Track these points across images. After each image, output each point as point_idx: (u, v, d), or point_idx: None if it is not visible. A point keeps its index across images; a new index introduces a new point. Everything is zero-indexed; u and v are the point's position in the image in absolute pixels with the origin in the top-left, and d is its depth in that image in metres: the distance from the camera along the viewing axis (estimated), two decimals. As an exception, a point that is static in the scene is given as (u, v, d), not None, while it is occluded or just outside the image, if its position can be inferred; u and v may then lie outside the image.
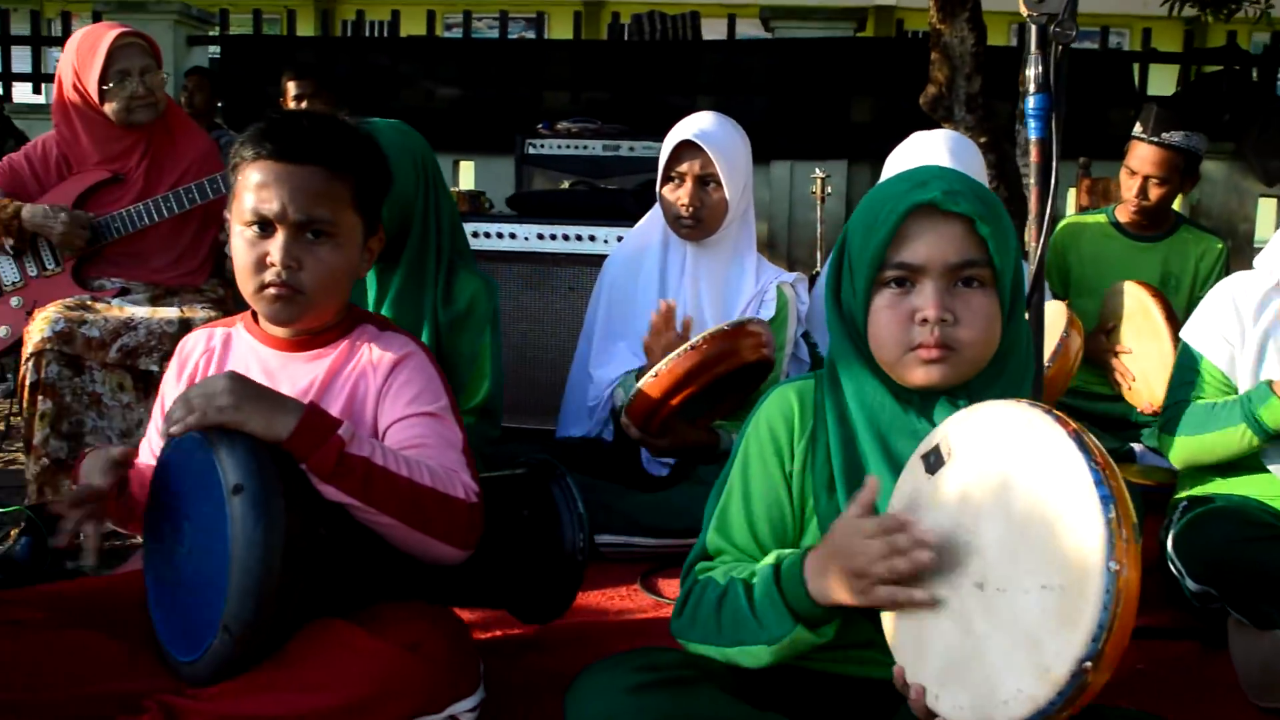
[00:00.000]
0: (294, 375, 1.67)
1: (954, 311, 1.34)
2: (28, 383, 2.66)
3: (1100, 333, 3.20)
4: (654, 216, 2.86)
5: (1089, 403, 3.25)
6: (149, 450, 1.79)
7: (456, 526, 1.54)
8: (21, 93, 8.45)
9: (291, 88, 5.01)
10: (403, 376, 1.67)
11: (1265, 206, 6.68)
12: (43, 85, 8.53)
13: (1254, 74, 6.70)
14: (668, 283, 2.77)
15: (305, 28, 11.84)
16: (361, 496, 1.47)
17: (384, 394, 1.66)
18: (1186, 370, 2.26)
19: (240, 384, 1.49)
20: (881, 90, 6.69)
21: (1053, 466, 1.14)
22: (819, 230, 5.49)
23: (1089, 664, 1.06)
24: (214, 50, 7.83)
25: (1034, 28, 1.79)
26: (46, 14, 16.17)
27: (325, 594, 1.49)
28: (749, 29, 8.27)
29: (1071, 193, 5.25)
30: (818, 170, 5.44)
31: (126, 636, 1.53)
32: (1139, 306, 3.10)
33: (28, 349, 2.68)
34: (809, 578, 1.29)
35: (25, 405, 2.68)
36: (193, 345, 1.78)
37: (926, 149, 2.68)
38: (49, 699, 1.40)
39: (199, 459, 1.43)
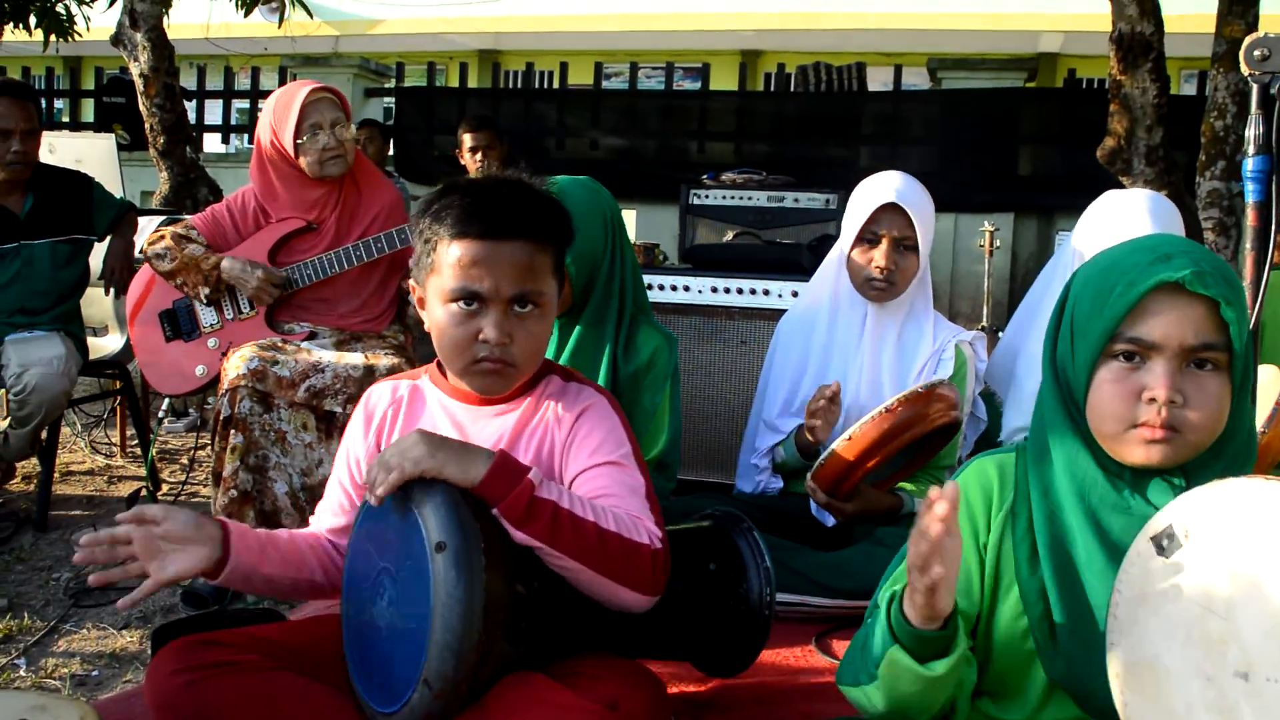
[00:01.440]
0: (482, 429, 1.71)
1: (1184, 393, 1.29)
2: (222, 417, 2.79)
3: None
4: (825, 275, 2.82)
5: None
6: (329, 508, 1.84)
7: (641, 572, 1.54)
8: (211, 143, 8.95)
9: (468, 139, 5.17)
10: (586, 427, 1.69)
11: None
12: (230, 136, 9.02)
13: None
14: (847, 343, 2.74)
15: (474, 78, 12.23)
16: (550, 540, 1.49)
17: (569, 446, 1.68)
18: None
19: (431, 436, 1.54)
20: (1050, 141, 6.54)
21: None
22: (986, 284, 5.39)
23: None
24: (389, 101, 8.15)
25: (1255, 87, 1.72)
26: (234, 66, 17.19)
27: (525, 648, 1.50)
28: (915, 79, 8.21)
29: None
30: (986, 224, 5.35)
31: (330, 681, 1.58)
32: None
33: (224, 385, 2.81)
34: (905, 594, 1.28)
35: (217, 438, 2.81)
36: (378, 397, 1.82)
37: (1127, 210, 2.60)
38: (261, 739, 1.45)
39: (401, 515, 1.47)
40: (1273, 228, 1.74)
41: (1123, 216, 2.58)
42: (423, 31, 16.69)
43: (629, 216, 7.28)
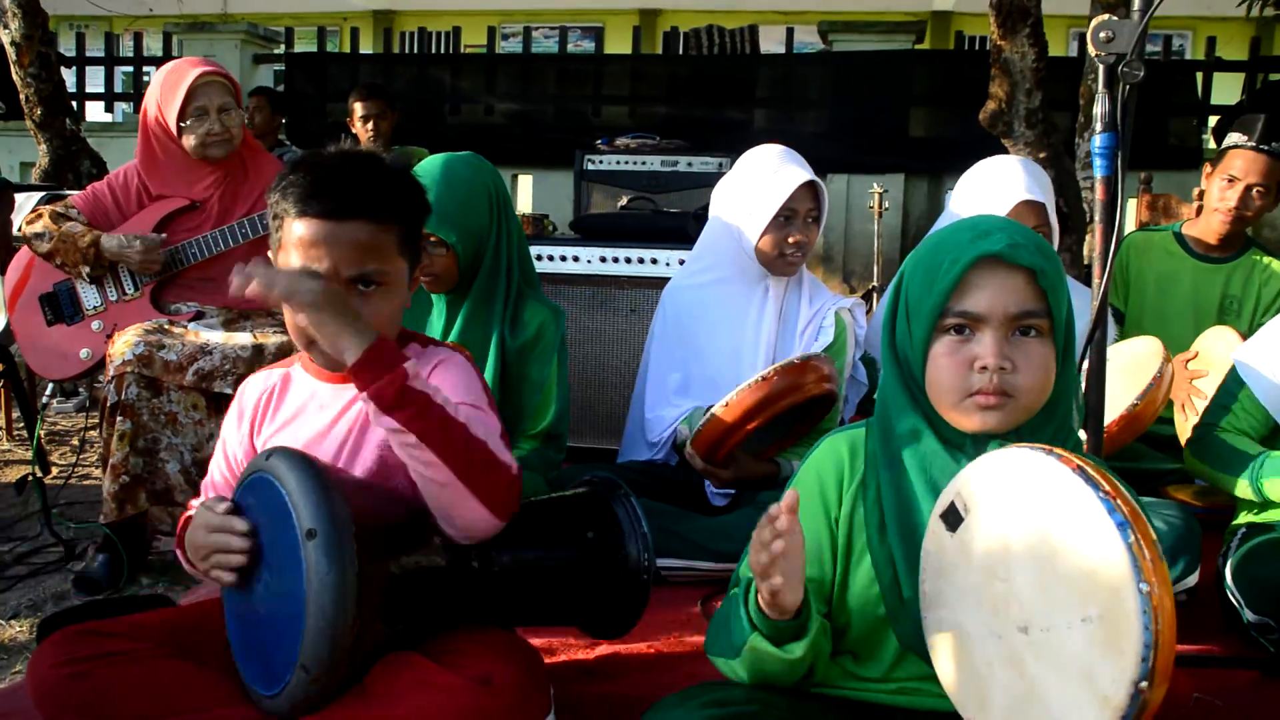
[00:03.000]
0: (348, 405, 1.71)
1: (1013, 360, 1.38)
2: (108, 403, 2.76)
3: (1183, 362, 3.14)
4: (718, 249, 2.86)
5: (1153, 425, 3.23)
6: (211, 485, 1.84)
7: (499, 489, 1.53)
8: (94, 111, 8.69)
9: (359, 108, 5.12)
10: (440, 376, 1.69)
11: (1333, 217, 6.56)
12: (115, 104, 8.76)
13: (1321, 82, 6.60)
14: (743, 316, 2.81)
15: (367, 42, 12.02)
16: (418, 430, 1.47)
17: None
18: (1227, 394, 2.28)
19: (331, 292, 1.50)
20: (939, 103, 6.69)
21: (1065, 504, 1.19)
22: (876, 244, 5.51)
23: (1144, 683, 1.10)
24: (280, 68, 7.99)
25: (1102, 67, 1.81)
26: (116, 29, 16.62)
27: (401, 627, 1.54)
28: (807, 37, 8.29)
29: (1132, 204, 5.21)
30: (875, 185, 5.46)
31: (215, 667, 1.60)
32: (1227, 354, 3.05)
33: (109, 372, 2.78)
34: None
35: (105, 425, 2.78)
36: (253, 388, 1.83)
37: (1001, 174, 2.71)
38: (148, 727, 1.47)
39: (273, 502, 1.48)
40: (1118, 200, 1.83)
41: (997, 180, 2.69)
42: (316, -8, 16.34)
43: (525, 182, 7.30)
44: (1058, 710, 1.17)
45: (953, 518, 1.32)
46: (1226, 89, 7.12)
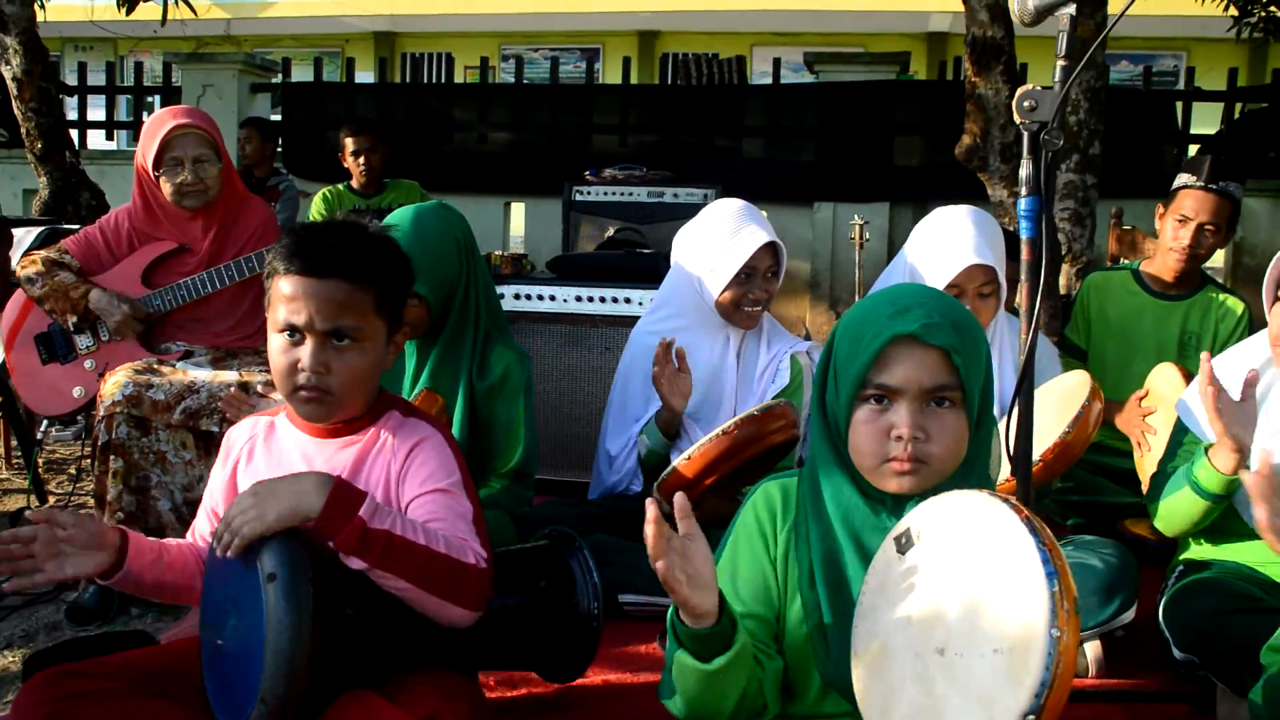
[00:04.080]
0: (329, 460, 1.84)
1: (926, 429, 1.49)
2: (99, 443, 2.87)
3: (1136, 400, 3.22)
4: (677, 289, 2.97)
5: (1109, 458, 3.33)
6: (199, 535, 1.97)
7: (468, 590, 1.69)
8: (95, 139, 8.83)
9: (350, 144, 5.23)
10: (419, 459, 1.83)
11: (1312, 244, 6.68)
12: (115, 132, 8.90)
13: (1300, 111, 6.71)
14: (711, 364, 2.92)
15: (365, 66, 12.17)
16: (384, 566, 1.62)
17: (404, 475, 1.82)
18: (1175, 441, 2.38)
19: (260, 491, 1.64)
20: (923, 133, 6.80)
21: (1006, 546, 1.30)
22: (858, 275, 5.61)
23: (1033, 717, 1.21)
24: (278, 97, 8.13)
25: (1026, 135, 1.91)
26: (121, 50, 16.82)
27: (355, 667, 1.65)
28: (795, 71, 8.43)
29: (1109, 233, 5.31)
30: (856, 217, 5.57)
31: (188, 704, 1.71)
32: (1173, 392, 3.12)
33: (99, 411, 2.89)
34: None
35: (98, 464, 2.89)
36: (237, 435, 1.96)
37: (953, 234, 2.82)
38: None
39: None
40: (1043, 260, 1.93)
41: (948, 239, 2.81)
42: (317, 14, 16.53)
43: (518, 210, 7.41)
44: None
45: (904, 541, 1.44)
46: (1207, 118, 7.23)
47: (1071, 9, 1.87)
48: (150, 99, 8.67)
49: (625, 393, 3.00)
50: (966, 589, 1.33)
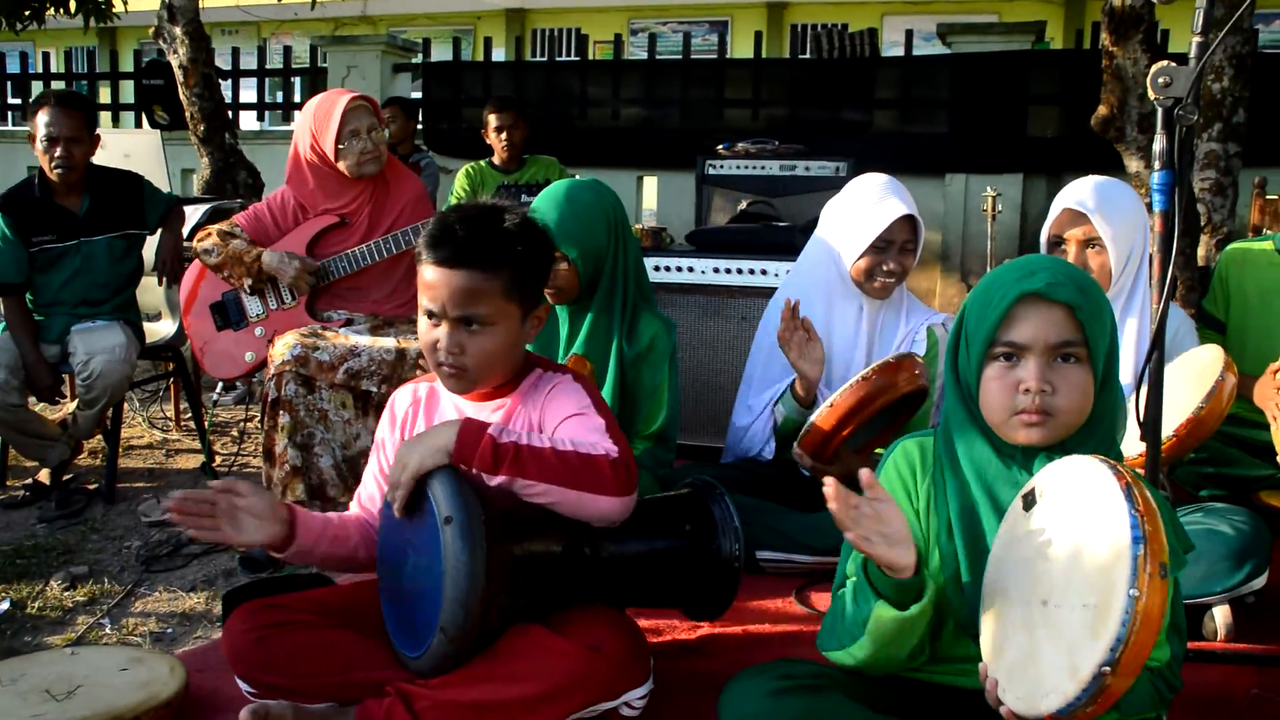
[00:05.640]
0: (483, 419, 2.00)
1: (1053, 383, 1.58)
2: (269, 399, 3.11)
3: (1272, 372, 3.20)
4: (815, 268, 3.05)
5: (1244, 429, 3.29)
6: (362, 499, 2.16)
7: (603, 477, 1.80)
8: (247, 120, 9.26)
9: (494, 120, 5.42)
10: (554, 399, 1.99)
11: None
12: (265, 113, 9.31)
13: None
14: (844, 332, 3.01)
15: (499, 44, 12.42)
16: (518, 472, 1.76)
17: (544, 419, 1.98)
18: None
19: (402, 449, 1.83)
20: (1060, 103, 6.70)
21: (1106, 510, 1.39)
22: (990, 246, 5.60)
23: (1108, 669, 1.30)
24: (417, 76, 8.40)
25: (1160, 110, 1.95)
26: (263, 33, 17.45)
27: (523, 602, 1.82)
28: (927, 40, 8.36)
29: (1251, 203, 5.19)
30: (989, 189, 5.55)
31: (370, 635, 1.91)
32: None
33: (270, 370, 3.13)
34: None
35: (266, 418, 3.13)
36: (402, 399, 2.15)
37: (1069, 188, 2.86)
38: (318, 683, 1.81)
39: (418, 496, 1.80)
40: (1175, 232, 1.97)
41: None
42: (451, -9, 16.88)
43: (650, 184, 7.55)
44: (1045, 672, 1.38)
45: (1029, 500, 1.54)
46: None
47: (1211, -14, 1.90)
48: (295, 80, 9.03)
49: (760, 362, 3.11)
50: (1072, 546, 1.42)
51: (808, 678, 1.64)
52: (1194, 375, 2.51)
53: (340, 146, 3.29)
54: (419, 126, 7.55)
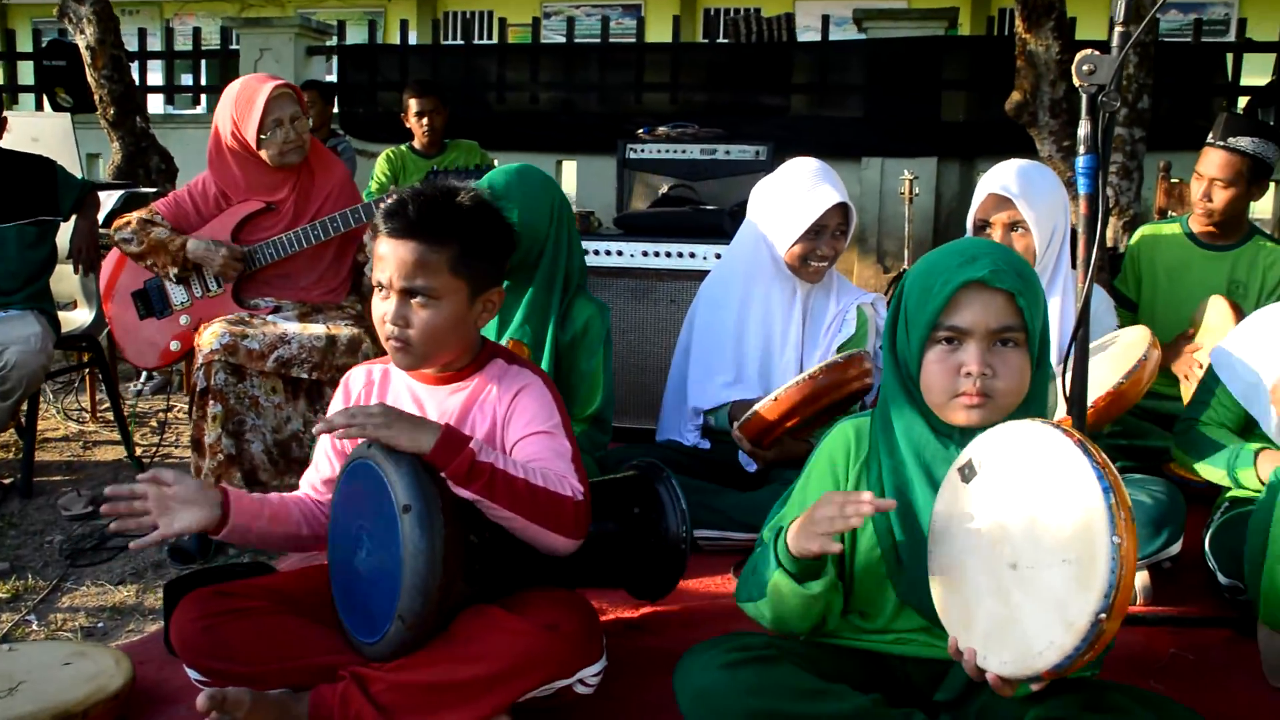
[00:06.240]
0: (440, 404, 2.02)
1: (993, 366, 1.64)
2: (198, 389, 3.06)
3: (1183, 337, 3.36)
4: (745, 251, 3.11)
5: (1156, 402, 3.43)
6: (316, 472, 2.15)
7: (565, 519, 1.85)
8: (154, 104, 9.03)
9: (414, 104, 5.38)
10: (522, 403, 2.00)
11: (1360, 194, 6.70)
12: (175, 96, 9.10)
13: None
14: (775, 315, 3.06)
15: (414, 28, 12.26)
16: (489, 495, 1.79)
17: (508, 419, 1.99)
18: (1206, 390, 2.51)
19: (391, 410, 1.83)
20: (971, 88, 6.86)
21: (1062, 467, 1.45)
22: (908, 229, 5.72)
23: (1103, 615, 1.36)
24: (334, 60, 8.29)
25: (1085, 96, 2.02)
26: (166, 13, 17.01)
27: (479, 587, 1.83)
28: (843, 26, 8.47)
29: (1157, 186, 5.38)
30: (906, 172, 5.67)
31: (320, 620, 1.91)
32: (1222, 322, 3.24)
33: (198, 360, 3.08)
34: (789, 530, 1.64)
35: (196, 408, 3.09)
36: (356, 379, 2.15)
37: (992, 173, 2.94)
38: (270, 670, 1.81)
39: (374, 483, 1.79)
40: (1099, 215, 2.04)
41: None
42: (361, -27, 16.61)
43: (569, 168, 7.55)
44: (1033, 633, 1.43)
45: (968, 471, 1.59)
46: (1258, 70, 7.22)
47: (1130, -25, 1.97)
48: (204, 63, 8.83)
49: (690, 349, 3.16)
50: (1029, 508, 1.48)
51: (760, 649, 1.69)
52: (1120, 352, 2.61)
53: (263, 136, 3.24)
54: (334, 110, 7.46)
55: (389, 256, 1.91)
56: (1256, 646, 2.20)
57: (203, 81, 8.69)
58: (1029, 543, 1.47)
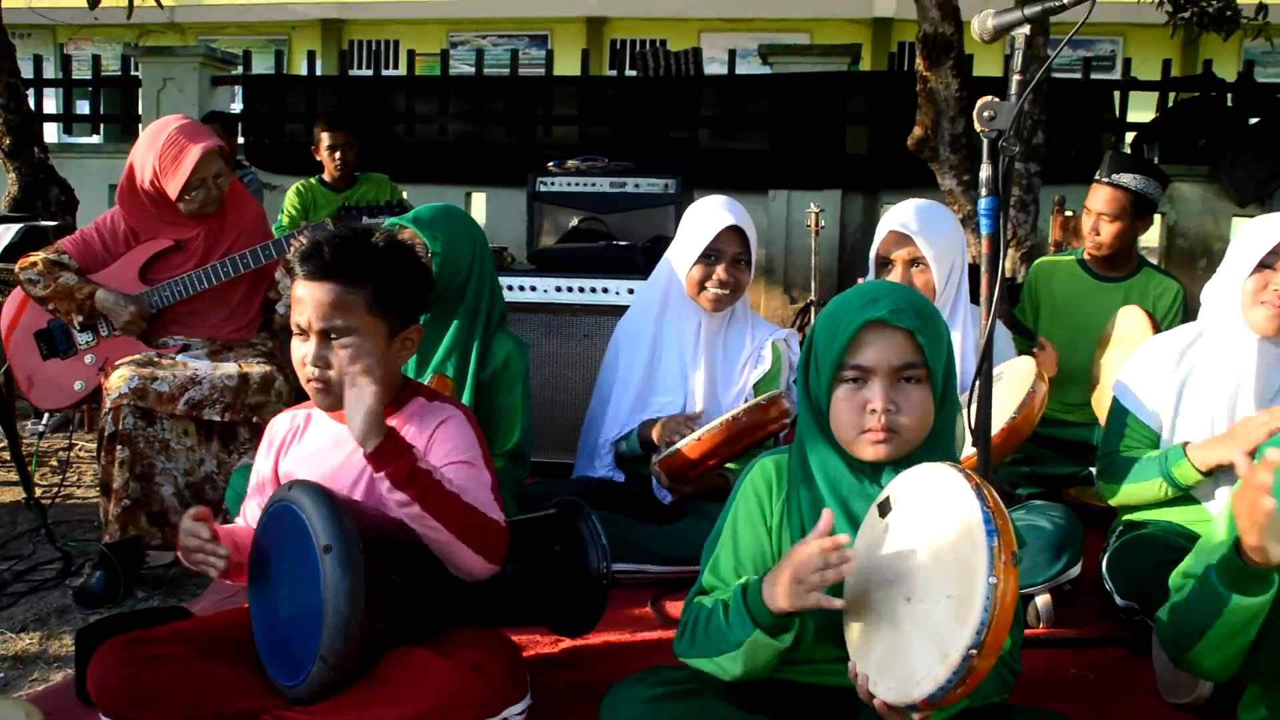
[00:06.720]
0: (358, 445, 2.02)
1: (896, 402, 1.71)
2: (106, 433, 3.01)
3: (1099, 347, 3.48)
4: (656, 286, 3.18)
5: (1054, 430, 3.57)
6: (248, 519, 2.15)
7: (490, 542, 1.89)
8: (50, 133, 8.81)
9: (326, 138, 5.35)
10: (442, 434, 2.03)
11: (1239, 225, 7.01)
12: (73, 125, 8.90)
13: (1228, 100, 7.02)
14: (683, 347, 3.11)
15: (320, 53, 12.18)
16: (423, 501, 1.81)
17: (428, 451, 2.01)
18: (1117, 421, 2.62)
19: (372, 407, 1.83)
20: (874, 123, 7.04)
21: (959, 510, 1.53)
22: (814, 260, 5.85)
23: (974, 651, 1.43)
24: (238, 89, 8.20)
25: (986, 141, 2.11)
26: (60, 38, 16.61)
27: (401, 626, 1.84)
28: (749, 61, 8.63)
29: (1051, 219, 5.58)
30: (812, 205, 5.80)
31: (242, 665, 1.90)
32: (1137, 330, 3.32)
33: (106, 404, 3.02)
34: (764, 589, 1.67)
35: (104, 454, 3.03)
36: (280, 424, 2.16)
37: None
38: (194, 717, 1.78)
39: (295, 525, 1.80)
40: (1001, 255, 2.13)
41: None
42: (263, 0, 16.44)
43: (478, 200, 7.56)
44: (915, 663, 1.51)
45: (885, 507, 1.66)
46: (1144, 105, 7.54)
47: (1027, 29, 2.08)
48: (104, 91, 8.65)
49: (610, 388, 3.20)
50: (929, 546, 1.56)
51: (683, 683, 1.73)
52: (1009, 384, 2.71)
53: (186, 196, 3.22)
54: (240, 141, 7.38)
55: (306, 299, 1.93)
56: (1151, 664, 2.31)
57: (102, 110, 8.51)
58: (924, 577, 1.54)
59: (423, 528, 1.84)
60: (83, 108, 8.80)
